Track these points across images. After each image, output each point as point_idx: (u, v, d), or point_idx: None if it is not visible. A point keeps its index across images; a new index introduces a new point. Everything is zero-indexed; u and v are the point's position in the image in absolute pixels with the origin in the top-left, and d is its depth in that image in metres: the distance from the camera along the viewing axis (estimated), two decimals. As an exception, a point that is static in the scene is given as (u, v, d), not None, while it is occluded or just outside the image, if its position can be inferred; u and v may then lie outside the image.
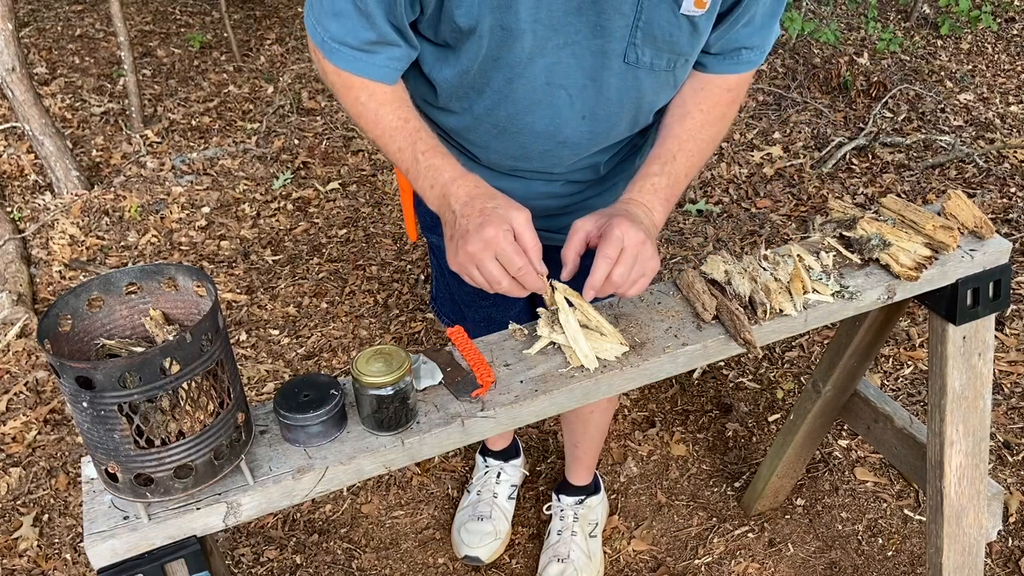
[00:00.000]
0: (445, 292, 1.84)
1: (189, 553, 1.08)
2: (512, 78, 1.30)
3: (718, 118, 1.42)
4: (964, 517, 1.68)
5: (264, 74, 4.78)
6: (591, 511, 2.20)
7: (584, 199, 1.56)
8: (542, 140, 1.39)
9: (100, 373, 0.93)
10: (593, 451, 2.16)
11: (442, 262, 1.78)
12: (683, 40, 1.29)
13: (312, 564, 2.21)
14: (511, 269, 1.18)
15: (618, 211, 1.27)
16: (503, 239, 1.17)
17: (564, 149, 1.41)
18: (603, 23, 1.24)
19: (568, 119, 1.36)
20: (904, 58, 4.71)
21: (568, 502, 2.18)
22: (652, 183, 1.33)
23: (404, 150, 1.30)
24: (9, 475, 2.44)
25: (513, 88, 1.32)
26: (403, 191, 1.69)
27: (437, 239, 1.70)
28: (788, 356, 2.77)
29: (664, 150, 1.37)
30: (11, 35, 3.39)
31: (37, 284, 3.21)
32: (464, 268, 1.21)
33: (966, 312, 1.48)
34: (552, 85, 1.31)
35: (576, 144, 1.40)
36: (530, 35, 1.24)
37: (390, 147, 1.32)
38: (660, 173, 1.34)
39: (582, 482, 2.21)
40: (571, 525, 2.15)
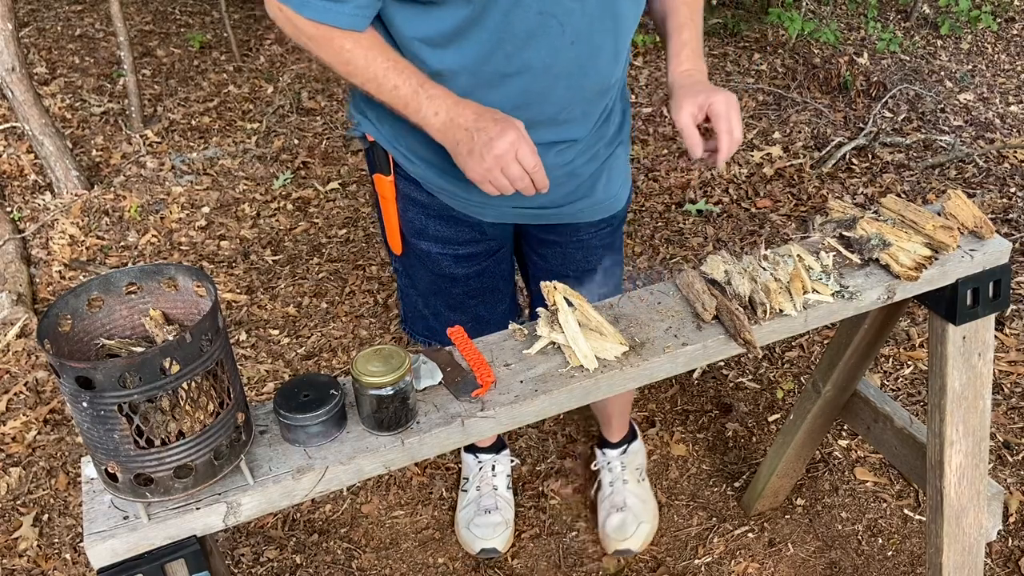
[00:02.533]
0: (419, 306, 1.84)
1: (189, 553, 1.08)
2: (508, 11, 1.34)
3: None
4: (964, 517, 1.68)
5: (264, 74, 4.78)
6: (635, 457, 2.31)
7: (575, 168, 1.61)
8: (539, 78, 1.43)
9: (100, 373, 0.93)
10: (623, 414, 2.27)
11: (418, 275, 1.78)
12: None
13: (312, 564, 2.21)
14: (528, 166, 1.32)
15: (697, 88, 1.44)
16: (523, 141, 1.31)
17: (559, 83, 1.45)
18: None
19: (560, 48, 1.40)
20: (904, 58, 4.71)
21: (613, 454, 2.29)
22: (691, 48, 1.52)
23: (401, 86, 1.35)
24: (9, 475, 2.44)
25: (510, 23, 1.36)
26: (384, 200, 1.67)
27: (427, 244, 1.69)
28: (788, 356, 2.77)
29: (682, 17, 1.54)
30: (11, 35, 3.39)
31: (37, 284, 3.21)
32: (489, 173, 1.32)
33: (966, 312, 1.48)
34: (544, 15, 1.36)
35: (569, 75, 1.45)
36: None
37: (384, 86, 1.36)
38: (691, 38, 1.52)
39: (620, 436, 2.31)
40: (620, 474, 2.26)
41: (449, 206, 1.64)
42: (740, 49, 4.81)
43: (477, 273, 1.77)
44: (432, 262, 1.73)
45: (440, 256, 1.71)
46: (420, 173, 1.60)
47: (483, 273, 1.78)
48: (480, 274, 1.77)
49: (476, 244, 1.71)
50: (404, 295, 1.86)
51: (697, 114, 1.42)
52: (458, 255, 1.71)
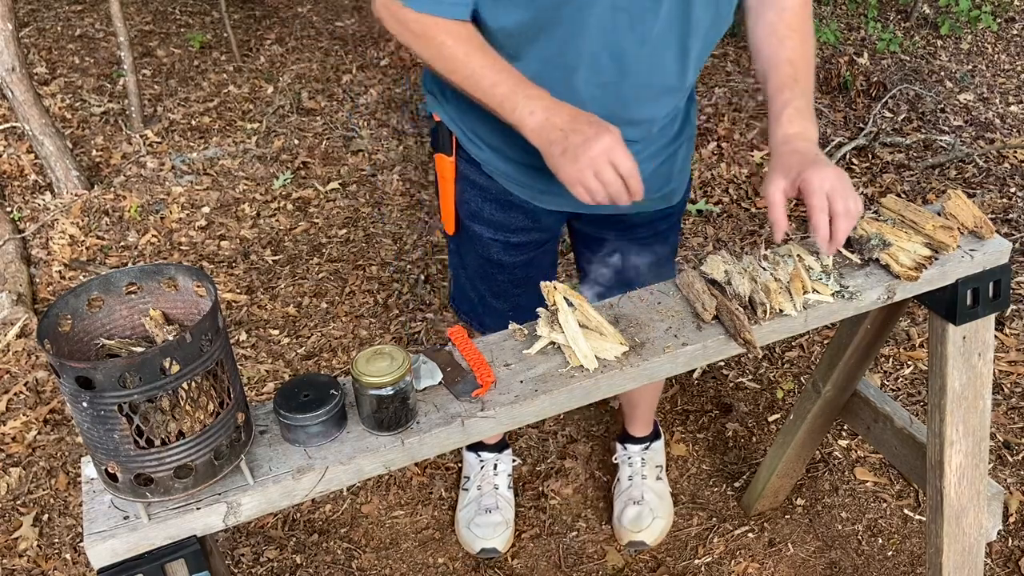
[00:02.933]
0: (466, 288, 1.87)
1: (189, 553, 1.08)
2: (583, 6, 1.34)
3: (809, 33, 1.50)
4: (964, 517, 1.68)
5: (264, 74, 4.78)
6: (656, 455, 2.33)
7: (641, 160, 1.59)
8: (605, 73, 1.43)
9: (100, 373, 0.93)
10: (652, 408, 2.30)
11: (468, 257, 1.81)
12: None
13: (312, 564, 2.21)
14: (623, 169, 1.29)
15: (793, 161, 1.33)
16: (619, 145, 1.29)
17: (627, 82, 1.45)
18: None
19: (629, 46, 1.40)
20: (904, 58, 4.71)
21: (635, 449, 2.30)
22: (794, 107, 1.40)
23: (499, 84, 1.34)
24: (9, 475, 2.44)
25: (585, 16, 1.36)
26: (443, 180, 1.70)
27: (480, 227, 1.72)
28: (788, 356, 2.77)
29: (784, 75, 1.44)
30: (11, 35, 3.39)
31: (37, 284, 3.21)
32: (582, 175, 1.29)
33: (966, 312, 1.48)
34: (616, 9, 1.36)
35: (636, 73, 1.44)
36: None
37: (482, 84, 1.35)
38: (794, 97, 1.41)
39: (644, 433, 2.32)
40: (640, 470, 2.28)
41: (507, 190, 1.66)
42: (740, 49, 4.81)
43: (524, 263, 1.79)
44: (483, 246, 1.76)
45: (491, 241, 1.74)
46: (482, 156, 1.62)
47: (530, 263, 1.80)
48: (527, 264, 1.80)
49: (528, 233, 1.74)
50: (455, 274, 1.90)
51: (788, 189, 1.32)
52: (508, 242, 1.74)
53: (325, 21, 5.44)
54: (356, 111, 4.38)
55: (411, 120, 4.25)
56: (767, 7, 1.50)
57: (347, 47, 5.04)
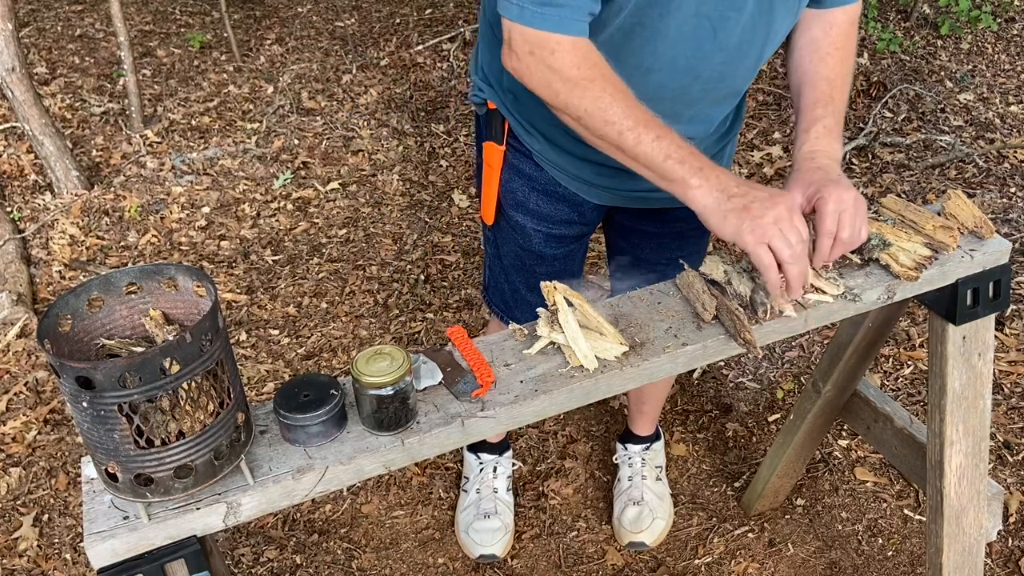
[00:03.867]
0: (500, 281, 1.88)
1: (189, 553, 1.08)
2: (665, 13, 1.32)
3: (850, 52, 1.49)
4: (964, 517, 1.68)
5: (264, 74, 4.78)
6: (656, 455, 2.34)
7: None
8: (680, 76, 1.41)
9: (100, 373, 0.93)
10: (658, 406, 2.30)
11: (506, 248, 1.81)
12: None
13: (312, 564, 2.21)
14: (805, 235, 1.23)
15: (815, 177, 1.31)
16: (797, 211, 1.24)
17: (697, 84, 1.43)
18: None
19: (708, 52, 1.38)
20: (904, 58, 4.71)
21: (635, 449, 2.31)
22: (823, 125, 1.39)
23: (663, 137, 1.26)
24: (9, 475, 2.44)
25: (665, 22, 1.33)
26: (488, 168, 1.69)
27: (523, 217, 1.72)
28: (788, 356, 2.77)
29: (820, 92, 1.43)
30: (11, 35, 3.39)
31: (37, 284, 3.21)
32: (770, 232, 1.21)
33: (966, 312, 1.48)
34: (699, 16, 1.33)
35: (708, 79, 1.43)
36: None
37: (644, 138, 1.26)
38: (825, 115, 1.40)
39: (647, 432, 2.32)
40: (640, 470, 2.28)
41: (556, 181, 1.66)
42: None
43: (564, 255, 1.80)
44: (524, 236, 1.76)
45: (534, 232, 1.74)
46: (536, 145, 1.62)
47: (569, 256, 1.81)
48: (566, 256, 1.81)
49: (570, 226, 1.74)
50: (489, 266, 1.90)
51: (804, 205, 1.31)
52: (550, 234, 1.75)
53: (325, 21, 5.44)
54: (356, 111, 4.38)
55: (411, 120, 4.25)
56: (814, 22, 1.49)
57: (347, 47, 5.04)
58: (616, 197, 1.69)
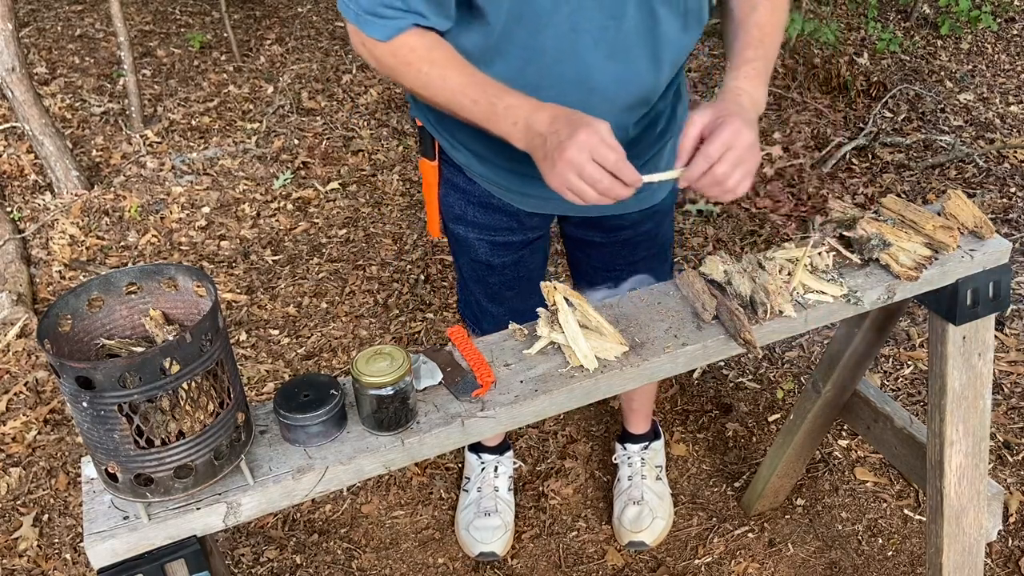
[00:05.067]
0: (466, 293, 1.88)
1: (189, 553, 1.08)
2: (538, 30, 1.33)
3: (781, 5, 1.48)
4: (964, 517, 1.68)
5: (264, 74, 4.78)
6: (656, 455, 2.32)
7: None
8: (574, 90, 1.41)
9: (100, 373, 0.93)
10: (649, 402, 2.29)
11: (461, 260, 1.82)
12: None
13: (312, 564, 2.21)
14: (608, 164, 1.23)
15: (729, 108, 1.30)
16: (596, 140, 1.22)
17: (595, 96, 1.43)
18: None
19: (594, 63, 1.38)
20: (904, 58, 4.71)
21: (634, 449, 2.30)
22: (752, 67, 1.39)
23: (479, 100, 1.32)
24: (9, 475, 2.44)
25: (540, 40, 1.34)
26: (427, 185, 1.71)
27: (465, 229, 1.72)
28: (788, 356, 2.77)
29: (751, 37, 1.42)
30: (11, 35, 3.39)
31: (37, 284, 3.21)
32: (564, 178, 1.24)
33: (966, 312, 1.48)
34: (576, 31, 1.34)
35: (605, 89, 1.43)
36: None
37: (463, 102, 1.34)
38: (755, 58, 1.39)
39: (642, 430, 2.32)
40: (640, 470, 2.27)
41: (489, 193, 1.65)
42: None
43: (513, 263, 1.79)
44: (470, 248, 1.76)
45: (477, 242, 1.74)
46: (463, 160, 1.62)
47: (519, 263, 1.80)
48: (516, 263, 1.79)
49: (513, 233, 1.73)
50: (458, 279, 1.91)
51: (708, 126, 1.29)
52: (495, 242, 1.74)
53: (325, 21, 5.44)
54: (356, 111, 4.39)
55: (411, 120, 4.25)
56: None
57: (347, 47, 5.04)
58: (548, 205, 1.66)
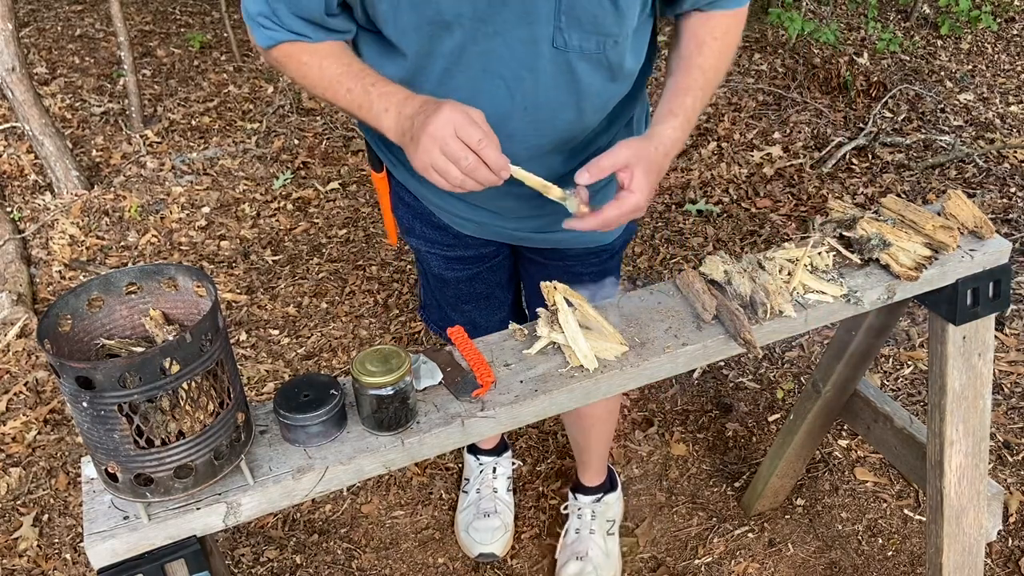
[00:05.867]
0: (431, 298, 1.83)
1: (189, 553, 1.08)
2: (449, 68, 1.31)
3: (729, 47, 1.43)
4: (964, 517, 1.68)
5: (264, 74, 4.78)
6: (608, 508, 2.20)
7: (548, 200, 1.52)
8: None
9: (100, 373, 0.93)
10: (600, 456, 2.16)
11: (425, 267, 1.77)
12: (608, 21, 1.29)
13: (312, 564, 2.21)
14: (472, 142, 1.16)
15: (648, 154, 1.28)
16: (461, 116, 1.17)
17: (513, 143, 1.36)
18: (528, 8, 1.24)
19: (510, 112, 1.35)
20: (904, 58, 4.71)
21: (585, 500, 2.18)
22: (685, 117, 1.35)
23: (354, 89, 1.29)
24: (9, 475, 2.44)
25: (452, 79, 1.32)
26: (380, 194, 1.67)
27: (416, 242, 1.69)
28: (788, 356, 2.77)
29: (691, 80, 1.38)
30: (11, 35, 3.39)
31: (37, 284, 3.21)
32: (427, 155, 1.18)
33: (966, 312, 1.48)
34: (489, 73, 1.31)
35: (523, 137, 1.38)
36: (457, 27, 1.25)
37: (339, 91, 1.31)
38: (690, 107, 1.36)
39: (595, 483, 2.21)
40: (589, 523, 2.15)
41: (431, 211, 1.61)
42: (740, 49, 4.81)
43: (468, 278, 1.74)
44: (423, 260, 1.73)
45: (429, 255, 1.70)
46: (401, 176, 1.58)
47: (475, 278, 1.74)
48: (472, 279, 1.74)
49: (464, 248, 1.68)
50: (422, 284, 1.86)
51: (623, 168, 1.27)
52: (447, 256, 1.69)
53: (325, 21, 5.44)
54: (356, 111, 4.38)
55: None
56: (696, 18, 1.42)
57: (347, 47, 5.04)
58: (486, 230, 1.61)
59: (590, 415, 2.00)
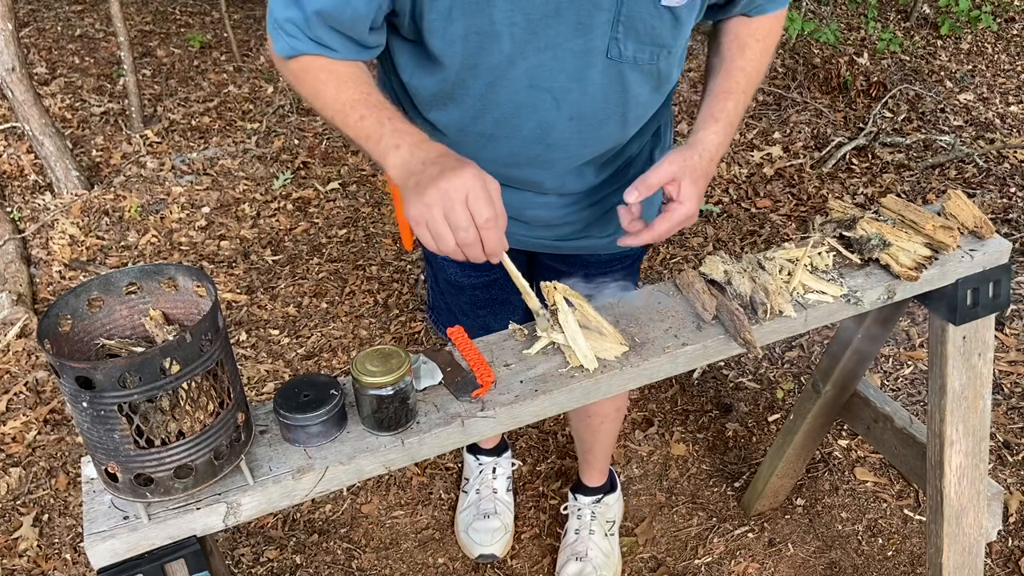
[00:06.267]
0: (441, 301, 1.83)
1: (189, 553, 1.08)
2: (493, 82, 1.29)
3: (770, 48, 1.44)
4: (964, 517, 1.68)
5: (264, 74, 4.78)
6: (608, 509, 2.21)
7: (579, 209, 1.54)
8: (531, 145, 1.38)
9: (100, 373, 0.93)
10: (604, 456, 2.16)
11: (438, 273, 1.77)
12: (665, 32, 1.29)
13: (312, 564, 2.21)
14: (479, 218, 1.09)
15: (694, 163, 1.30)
16: (480, 186, 1.09)
17: (553, 152, 1.39)
18: (584, 20, 1.23)
19: (555, 122, 1.34)
20: (904, 58, 4.71)
21: (585, 501, 2.19)
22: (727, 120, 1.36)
23: (367, 117, 1.22)
24: (9, 475, 2.44)
25: (495, 93, 1.30)
26: (396, 199, 1.66)
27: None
28: (788, 356, 2.77)
29: (733, 83, 1.38)
30: (11, 35, 3.39)
31: (37, 284, 3.21)
32: (427, 210, 1.10)
33: (966, 312, 1.48)
34: (536, 88, 1.29)
35: (565, 146, 1.38)
36: (508, 38, 1.23)
37: (350, 116, 1.23)
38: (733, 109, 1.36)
39: (597, 483, 2.21)
40: (588, 524, 2.15)
41: None
42: (740, 49, 4.81)
43: (485, 284, 1.73)
44: (439, 266, 1.72)
45: (446, 262, 1.69)
46: None
47: (491, 284, 1.74)
48: (488, 285, 1.74)
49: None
50: (430, 287, 1.85)
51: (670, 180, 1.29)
52: (463, 264, 1.68)
53: (325, 21, 5.44)
54: (356, 111, 4.38)
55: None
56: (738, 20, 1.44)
57: (347, 47, 5.04)
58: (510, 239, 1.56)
59: (599, 413, 2.00)
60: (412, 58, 1.33)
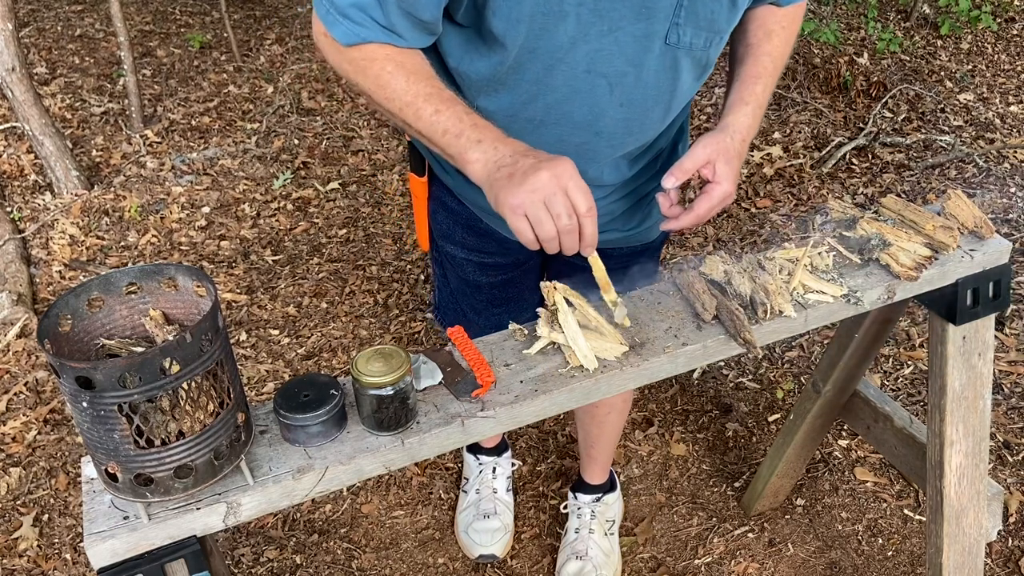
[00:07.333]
0: (450, 301, 1.83)
1: (189, 553, 1.08)
2: (552, 66, 1.29)
3: (793, 35, 1.47)
4: (964, 517, 1.68)
5: (264, 74, 4.78)
6: (608, 508, 2.21)
7: (610, 203, 1.55)
8: (580, 131, 1.38)
9: (100, 373, 0.93)
10: (608, 451, 2.17)
11: (451, 273, 1.77)
12: (722, 17, 1.30)
13: (312, 564, 2.21)
14: (580, 208, 1.14)
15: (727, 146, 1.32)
16: (579, 179, 1.15)
17: (600, 140, 1.39)
18: (648, 4, 1.24)
19: (606, 108, 1.35)
20: (904, 58, 4.71)
21: (585, 500, 2.19)
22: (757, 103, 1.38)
23: (443, 111, 1.23)
24: (9, 475, 2.44)
25: (552, 77, 1.30)
26: (416, 199, 1.67)
27: (453, 248, 1.69)
28: (788, 356, 2.77)
29: (761, 67, 1.41)
30: (11, 35, 3.39)
31: (37, 284, 3.21)
32: (527, 199, 1.14)
33: (966, 312, 1.48)
34: (592, 73, 1.30)
35: (612, 134, 1.39)
36: (574, 19, 1.23)
37: (424, 110, 1.23)
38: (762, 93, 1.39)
39: (598, 481, 2.22)
40: (588, 523, 2.16)
41: (478, 217, 1.62)
42: (740, 49, 4.81)
43: (502, 283, 1.74)
44: (457, 266, 1.73)
45: (465, 262, 1.70)
46: (451, 182, 1.58)
47: (508, 283, 1.75)
48: (505, 284, 1.75)
49: (502, 256, 1.69)
50: (438, 287, 1.85)
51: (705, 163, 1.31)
52: (483, 263, 1.70)
53: (325, 21, 5.44)
54: (356, 111, 4.38)
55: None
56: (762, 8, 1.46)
57: (347, 47, 5.03)
58: None
59: (607, 403, 2.00)
60: (464, 43, 1.32)
